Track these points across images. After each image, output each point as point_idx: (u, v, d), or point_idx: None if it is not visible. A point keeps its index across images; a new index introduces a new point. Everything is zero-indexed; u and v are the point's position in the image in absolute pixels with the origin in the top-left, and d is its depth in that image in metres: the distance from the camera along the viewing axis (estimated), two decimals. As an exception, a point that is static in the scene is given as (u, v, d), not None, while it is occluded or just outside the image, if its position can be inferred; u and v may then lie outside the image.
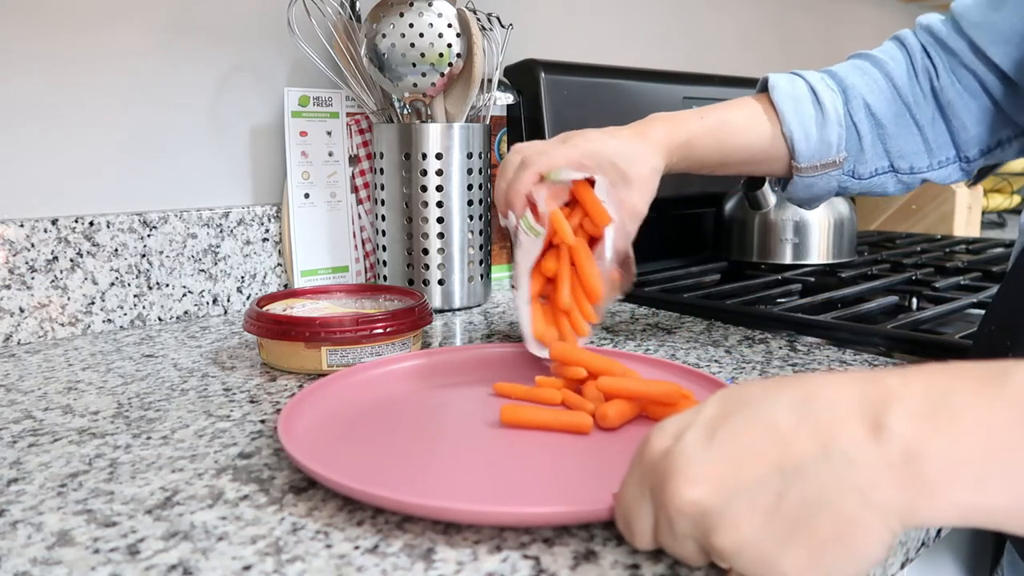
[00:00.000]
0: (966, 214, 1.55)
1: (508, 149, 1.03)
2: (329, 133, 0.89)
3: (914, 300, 0.92)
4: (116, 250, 0.77)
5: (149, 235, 0.79)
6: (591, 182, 0.57)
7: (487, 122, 0.87)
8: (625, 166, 0.59)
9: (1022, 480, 0.26)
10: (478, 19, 0.85)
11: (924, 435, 0.27)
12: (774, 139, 0.65)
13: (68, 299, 0.75)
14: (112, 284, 0.77)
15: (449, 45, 0.78)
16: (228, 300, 0.85)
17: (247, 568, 0.34)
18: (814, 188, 0.66)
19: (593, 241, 0.59)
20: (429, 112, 0.83)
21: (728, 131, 0.65)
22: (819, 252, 1.09)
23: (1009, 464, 0.26)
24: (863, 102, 0.64)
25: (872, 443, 0.27)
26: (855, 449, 0.27)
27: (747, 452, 0.29)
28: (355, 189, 0.92)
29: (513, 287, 0.61)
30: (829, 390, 0.29)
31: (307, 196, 0.88)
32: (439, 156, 0.81)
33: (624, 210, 0.58)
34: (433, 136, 0.81)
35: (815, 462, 0.28)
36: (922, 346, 0.68)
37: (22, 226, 0.72)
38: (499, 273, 1.04)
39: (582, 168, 0.58)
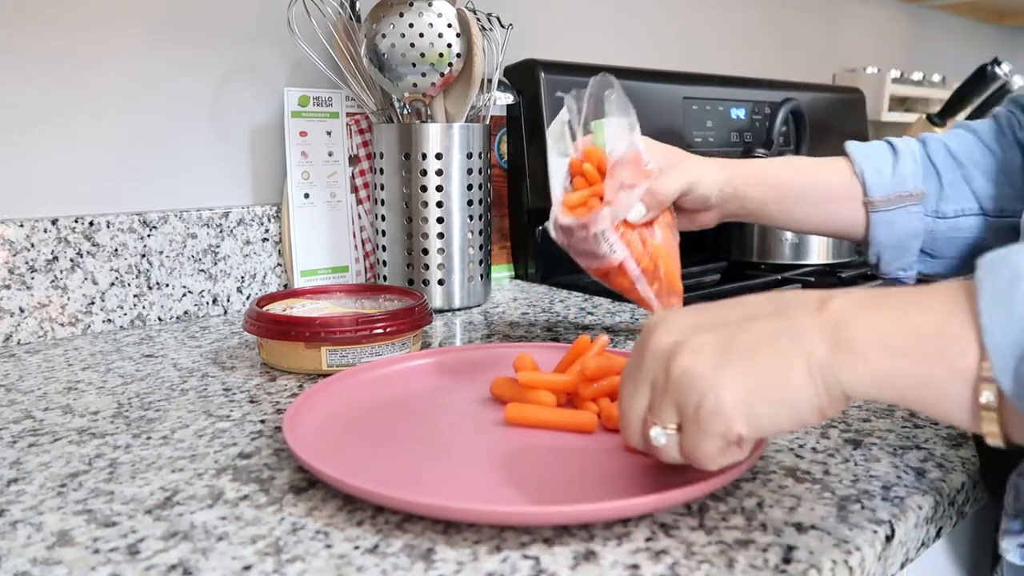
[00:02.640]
0: (966, 214, 1.55)
1: (508, 149, 1.03)
2: (329, 133, 0.89)
3: (914, 300, 0.91)
4: (116, 250, 0.77)
5: (149, 235, 0.79)
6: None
7: (487, 122, 0.87)
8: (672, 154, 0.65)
9: (927, 354, 0.31)
10: (478, 19, 0.85)
11: (853, 312, 0.33)
12: (848, 177, 0.65)
13: (68, 299, 0.75)
14: (112, 284, 0.77)
15: (449, 45, 0.78)
16: (228, 300, 0.85)
17: (247, 568, 0.34)
18: (895, 226, 0.64)
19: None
20: (429, 112, 0.83)
21: (796, 165, 0.67)
22: (819, 252, 1.09)
23: (918, 340, 0.32)
24: (943, 145, 0.65)
25: (815, 313, 0.34)
26: (802, 316, 0.34)
27: (719, 311, 0.37)
28: (355, 189, 0.92)
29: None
30: (793, 293, 0.36)
31: (307, 196, 0.88)
32: (439, 156, 0.81)
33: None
34: (433, 136, 0.81)
35: (769, 318, 0.35)
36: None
37: (22, 226, 0.72)
38: (499, 273, 1.04)
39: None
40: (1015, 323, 0.30)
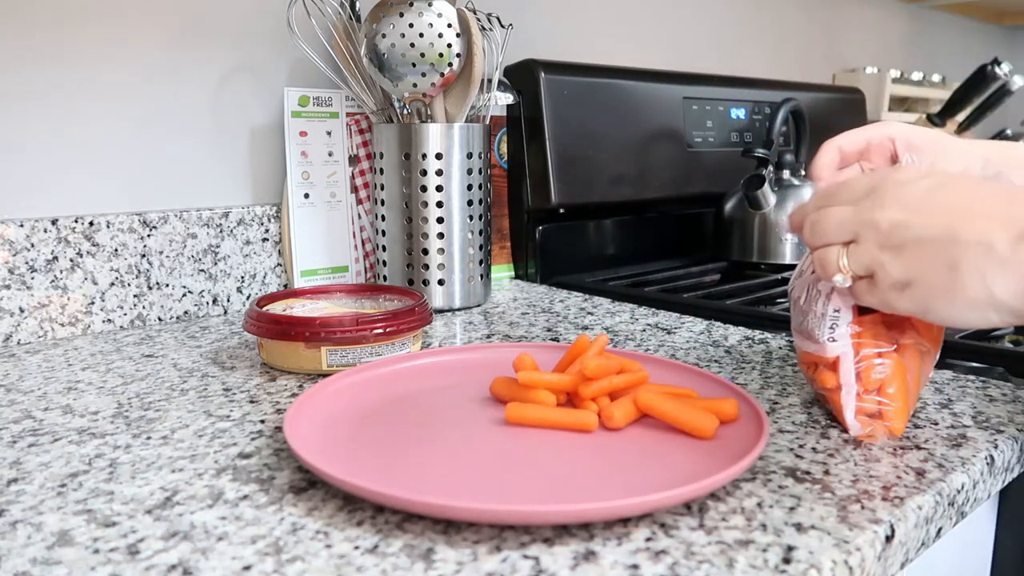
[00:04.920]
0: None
1: (508, 149, 1.03)
2: (329, 133, 0.89)
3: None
4: (116, 250, 0.77)
5: (149, 235, 0.79)
6: None
7: (487, 122, 0.87)
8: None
9: None
10: (478, 19, 0.85)
11: None
12: None
13: (68, 299, 0.75)
14: (112, 284, 0.77)
15: (449, 45, 0.78)
16: (228, 300, 0.85)
17: (247, 568, 0.34)
18: None
19: None
20: (429, 112, 0.83)
21: None
22: (819, 252, 1.08)
23: None
24: None
25: (1014, 246, 0.39)
26: (1001, 245, 0.39)
27: (932, 206, 0.42)
28: (355, 189, 0.92)
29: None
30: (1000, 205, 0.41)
31: (307, 196, 0.88)
32: (439, 156, 0.81)
33: None
34: (433, 136, 0.81)
35: (965, 246, 0.40)
36: (922, 346, 0.68)
37: (22, 226, 0.72)
38: (499, 273, 1.04)
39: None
40: None
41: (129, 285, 0.78)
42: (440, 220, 0.83)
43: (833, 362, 0.49)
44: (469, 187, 0.83)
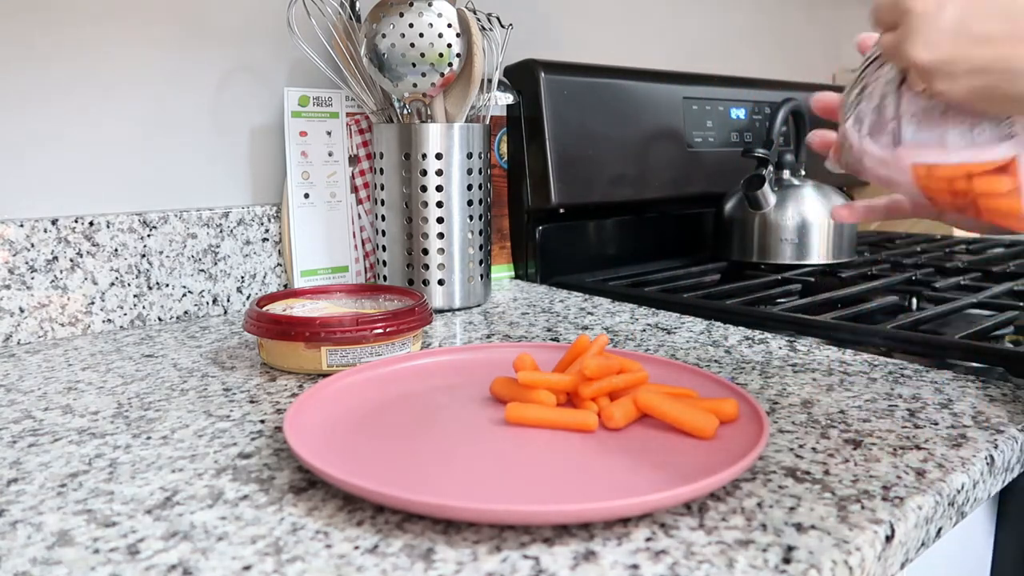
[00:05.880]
0: (966, 214, 1.55)
1: (508, 149, 1.03)
2: (329, 133, 0.89)
3: (914, 300, 0.92)
4: (116, 250, 0.77)
5: (149, 235, 0.79)
6: None
7: (487, 122, 0.87)
8: None
9: None
10: (478, 19, 0.85)
11: None
12: None
13: (68, 299, 0.75)
14: (112, 284, 0.77)
15: (449, 45, 0.78)
16: (228, 300, 0.85)
17: (247, 568, 0.34)
18: None
19: None
20: (429, 112, 0.83)
21: None
22: (819, 252, 1.09)
23: None
24: None
25: None
26: None
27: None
28: (355, 189, 0.92)
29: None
30: None
31: (307, 196, 0.88)
32: (439, 156, 0.81)
33: None
34: (433, 136, 0.81)
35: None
36: (922, 346, 0.68)
37: (22, 226, 0.72)
38: (499, 273, 1.04)
39: None
40: None
41: (129, 285, 0.78)
42: (440, 220, 0.83)
43: (1007, 164, 0.44)
44: (469, 187, 0.83)
